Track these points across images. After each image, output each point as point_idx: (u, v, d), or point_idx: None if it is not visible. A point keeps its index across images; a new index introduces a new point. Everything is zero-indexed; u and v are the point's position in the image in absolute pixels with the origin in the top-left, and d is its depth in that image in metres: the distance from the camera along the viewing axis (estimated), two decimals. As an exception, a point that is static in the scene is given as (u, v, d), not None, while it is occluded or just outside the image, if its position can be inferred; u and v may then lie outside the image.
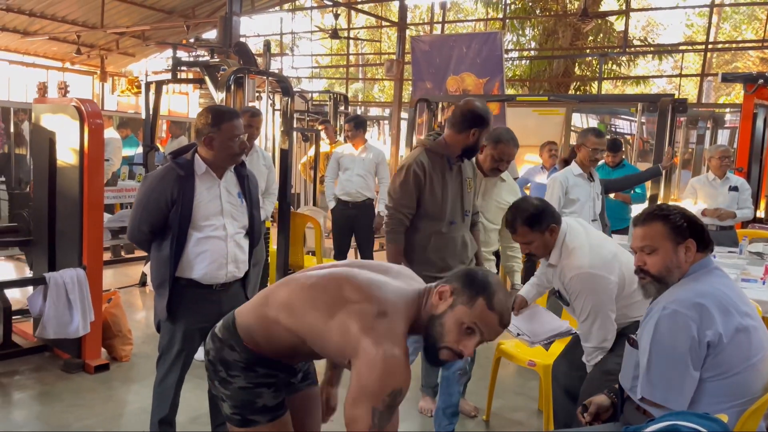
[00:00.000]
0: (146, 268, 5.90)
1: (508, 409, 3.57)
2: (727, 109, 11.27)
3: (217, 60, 5.47)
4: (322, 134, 7.57)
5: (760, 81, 6.31)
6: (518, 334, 2.84)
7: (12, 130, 7.22)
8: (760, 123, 6.53)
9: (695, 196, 5.38)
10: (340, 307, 1.53)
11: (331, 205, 5.57)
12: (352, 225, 5.43)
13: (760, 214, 6.65)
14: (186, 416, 3.10)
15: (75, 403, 3.41)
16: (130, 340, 4.13)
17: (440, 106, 7.89)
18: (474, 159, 3.09)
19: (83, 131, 3.70)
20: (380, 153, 5.57)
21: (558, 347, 3.35)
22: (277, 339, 1.65)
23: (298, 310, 1.60)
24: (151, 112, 5.94)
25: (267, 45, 5.55)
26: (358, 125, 5.41)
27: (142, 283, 5.91)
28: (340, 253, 5.63)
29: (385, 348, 1.45)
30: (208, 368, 1.74)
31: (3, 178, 7.10)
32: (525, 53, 14.11)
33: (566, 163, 5.79)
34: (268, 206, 4.43)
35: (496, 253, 3.50)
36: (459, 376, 2.94)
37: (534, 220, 2.51)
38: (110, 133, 7.65)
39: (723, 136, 10.03)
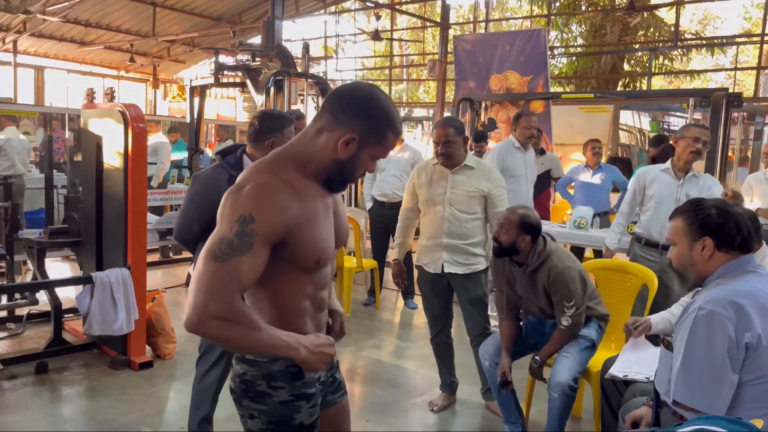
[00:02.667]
0: (192, 269, 6.04)
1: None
2: (789, 104, 10.70)
3: (258, 63, 5.55)
4: None
5: (822, 72, 6.00)
6: (625, 376, 2.54)
7: (67, 136, 7.52)
8: (821, 116, 6.20)
9: (751, 194, 5.14)
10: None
11: (368, 205, 5.58)
12: (389, 225, 5.42)
13: (823, 212, 6.30)
14: (223, 414, 3.15)
15: (119, 398, 3.51)
16: (174, 339, 4.23)
17: (483, 105, 7.81)
18: None
19: (127, 135, 3.81)
20: (417, 153, 5.53)
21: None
22: (284, 298, 1.56)
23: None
24: (195, 116, 6.08)
25: (306, 47, 5.60)
26: None
27: (188, 284, 6.04)
28: (379, 254, 5.62)
29: (242, 189, 1.45)
30: (239, 387, 1.59)
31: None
32: (571, 50, 13.80)
33: (620, 161, 5.64)
34: None
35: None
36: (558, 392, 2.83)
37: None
38: (160, 137, 7.88)
39: (784, 132, 9.55)
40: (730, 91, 5.40)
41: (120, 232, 3.90)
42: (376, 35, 12.04)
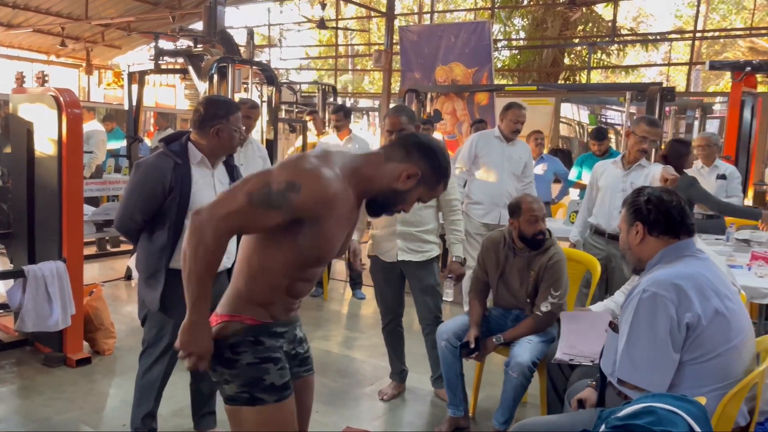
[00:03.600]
0: (131, 262, 5.84)
1: (495, 400, 3.52)
2: (717, 98, 11.27)
3: (200, 49, 5.39)
4: (310, 125, 7.52)
5: (748, 69, 6.31)
6: (570, 360, 2.61)
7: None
8: (747, 111, 6.53)
9: (684, 185, 5.36)
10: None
11: None
12: None
13: (748, 202, 6.66)
14: (167, 409, 3.06)
15: (55, 396, 3.36)
16: (113, 334, 4.08)
17: (429, 96, 7.86)
18: None
19: (61, 121, 3.63)
20: (365, 144, 5.49)
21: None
22: (271, 267, 1.66)
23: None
24: (134, 103, 5.86)
25: (250, 33, 5.47)
26: (348, 114, 5.34)
27: (128, 277, 5.84)
28: None
29: (314, 164, 1.59)
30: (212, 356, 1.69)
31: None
32: (514, 43, 14.06)
33: (561, 152, 5.76)
34: None
35: (443, 236, 3.49)
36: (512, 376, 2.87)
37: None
38: (94, 125, 7.56)
39: (712, 125, 10.04)
40: (663, 85, 5.63)
41: (54, 223, 3.71)
42: (321, 24, 11.92)
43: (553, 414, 2.67)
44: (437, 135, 8.32)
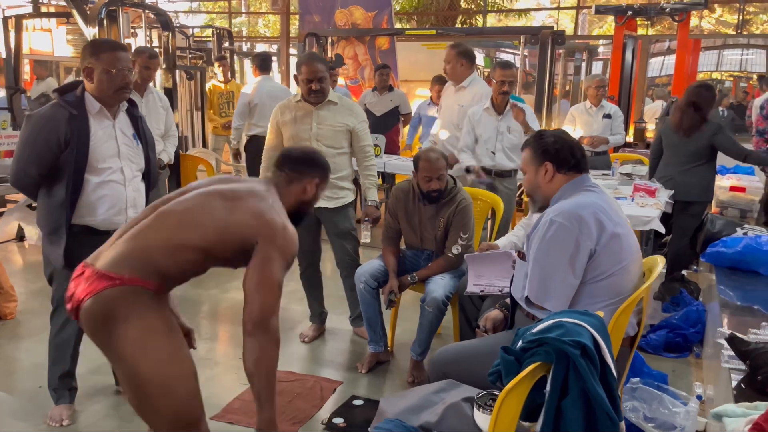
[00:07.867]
0: (23, 221, 5.47)
1: (411, 334, 3.67)
2: (600, 41, 11.90)
3: (85, -9, 5.01)
4: (218, 72, 7.23)
5: (629, 12, 6.73)
6: (481, 291, 2.78)
7: None
8: (629, 53, 7.00)
9: (574, 124, 5.73)
10: (233, 207, 1.90)
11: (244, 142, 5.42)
12: None
13: (629, 138, 7.23)
14: (85, 368, 3.00)
15: (-42, 366, 3.20)
16: (14, 297, 3.89)
17: (330, 40, 7.76)
18: None
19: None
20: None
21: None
22: (184, 261, 1.86)
23: (198, 224, 1.86)
24: (12, 51, 5.38)
25: (140, -26, 5.12)
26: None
27: (20, 238, 5.51)
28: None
29: (286, 224, 1.96)
30: None
31: None
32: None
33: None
34: (170, 149, 4.28)
35: (356, 181, 3.59)
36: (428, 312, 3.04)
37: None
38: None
39: (597, 67, 10.64)
40: (554, 29, 5.91)
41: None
42: (211, -37, 11.28)
43: (466, 343, 2.89)
44: (340, 81, 8.27)
